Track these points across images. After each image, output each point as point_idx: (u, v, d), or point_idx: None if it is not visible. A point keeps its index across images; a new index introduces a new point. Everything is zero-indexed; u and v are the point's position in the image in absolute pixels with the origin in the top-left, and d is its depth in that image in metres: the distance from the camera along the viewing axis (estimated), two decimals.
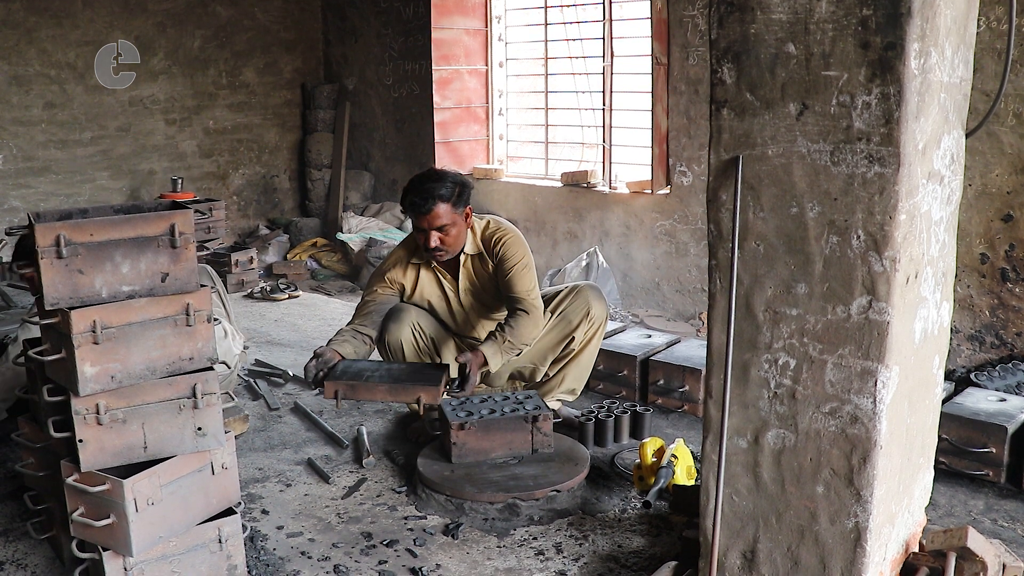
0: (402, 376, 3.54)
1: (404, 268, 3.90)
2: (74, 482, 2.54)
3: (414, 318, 3.86)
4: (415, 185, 3.68)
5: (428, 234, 3.68)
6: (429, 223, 3.66)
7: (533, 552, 3.06)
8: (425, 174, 3.74)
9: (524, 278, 3.75)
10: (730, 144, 2.31)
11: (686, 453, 3.39)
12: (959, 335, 4.85)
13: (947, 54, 2.20)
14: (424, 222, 3.66)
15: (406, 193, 3.71)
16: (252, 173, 8.52)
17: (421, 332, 3.87)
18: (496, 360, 3.62)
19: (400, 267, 3.91)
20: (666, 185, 6.14)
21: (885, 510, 2.31)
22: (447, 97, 7.34)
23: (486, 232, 3.83)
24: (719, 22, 2.27)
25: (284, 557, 3.03)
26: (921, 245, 2.24)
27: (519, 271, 3.75)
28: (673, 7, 5.88)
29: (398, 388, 3.45)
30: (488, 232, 3.83)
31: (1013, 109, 4.50)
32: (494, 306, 3.95)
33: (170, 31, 7.76)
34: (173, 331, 2.58)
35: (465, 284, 3.89)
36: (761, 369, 2.35)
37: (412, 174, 4.04)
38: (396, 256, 3.95)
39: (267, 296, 6.56)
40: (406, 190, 3.72)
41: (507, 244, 3.78)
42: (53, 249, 2.41)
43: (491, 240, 3.81)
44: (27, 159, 7.17)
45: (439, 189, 3.63)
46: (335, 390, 3.45)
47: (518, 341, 3.67)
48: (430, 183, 3.64)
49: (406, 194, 3.70)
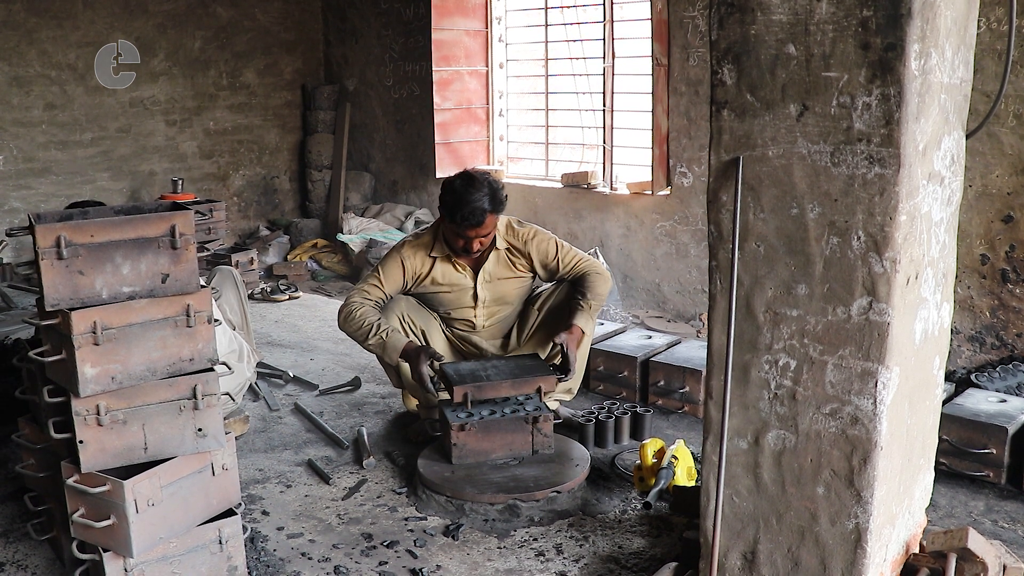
0: (514, 371, 3.66)
1: (423, 259, 3.87)
2: (74, 483, 2.54)
3: (403, 309, 3.90)
4: (461, 199, 3.63)
5: (472, 241, 3.73)
6: (477, 234, 3.70)
7: (533, 553, 3.05)
8: (464, 183, 3.67)
9: (569, 253, 3.92)
10: (730, 145, 2.31)
11: (686, 454, 3.39)
12: (959, 336, 4.85)
13: (947, 55, 2.20)
14: (472, 233, 3.70)
15: (453, 208, 3.65)
16: (252, 174, 8.52)
17: (411, 323, 3.90)
18: (591, 326, 3.85)
19: (419, 257, 3.87)
20: (666, 186, 6.14)
21: (886, 511, 2.31)
22: (447, 98, 7.34)
23: (511, 230, 3.90)
24: (719, 23, 2.27)
25: (284, 558, 3.03)
26: (921, 246, 2.24)
27: (564, 252, 3.91)
28: (673, 8, 5.88)
29: (519, 382, 3.58)
30: (513, 230, 3.90)
31: (1013, 110, 4.50)
32: (512, 295, 3.99)
33: (170, 32, 7.76)
34: (173, 332, 2.58)
35: (487, 275, 3.91)
36: (761, 370, 2.35)
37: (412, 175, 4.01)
38: (413, 247, 3.89)
39: (267, 297, 6.56)
40: (451, 205, 3.66)
41: (539, 238, 3.89)
42: (53, 250, 2.41)
43: (521, 238, 3.89)
44: (27, 160, 7.17)
45: (485, 201, 3.63)
46: (464, 392, 3.51)
47: (599, 301, 3.88)
48: (475, 194, 3.62)
49: (453, 209, 3.64)
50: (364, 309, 3.77)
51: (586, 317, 3.79)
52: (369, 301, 3.81)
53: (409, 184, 8.14)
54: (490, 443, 3.50)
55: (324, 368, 5.03)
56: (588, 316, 3.80)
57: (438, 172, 7.38)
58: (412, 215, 7.80)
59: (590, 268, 3.91)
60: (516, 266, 3.91)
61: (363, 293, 3.84)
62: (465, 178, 3.71)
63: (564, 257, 3.90)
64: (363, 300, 3.81)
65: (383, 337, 3.68)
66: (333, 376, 4.88)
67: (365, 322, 3.72)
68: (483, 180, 3.70)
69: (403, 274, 3.86)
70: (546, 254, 3.89)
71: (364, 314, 3.75)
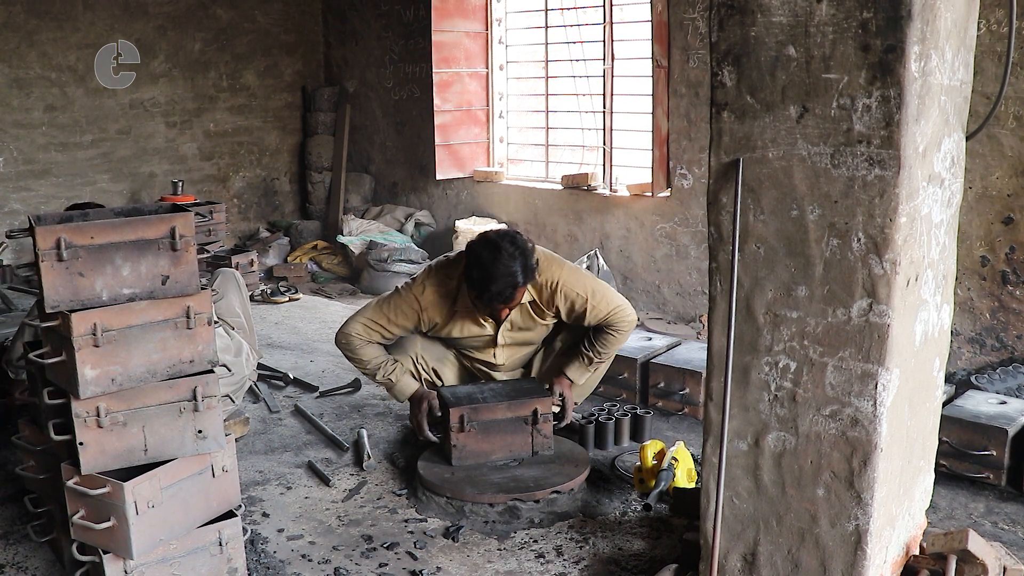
0: (511, 393, 3.61)
1: (443, 310, 3.65)
2: (74, 485, 2.54)
3: (417, 349, 3.83)
4: (489, 274, 3.33)
5: (499, 312, 3.57)
6: (509, 306, 3.52)
7: (533, 555, 3.05)
8: (492, 255, 3.34)
9: (601, 304, 3.61)
10: (730, 147, 2.31)
11: (686, 456, 3.39)
12: (959, 338, 4.85)
13: (947, 57, 2.20)
14: (501, 306, 3.49)
15: (481, 285, 3.36)
16: (252, 176, 8.52)
17: (424, 363, 3.85)
18: (583, 377, 3.79)
19: (439, 308, 3.64)
20: (666, 188, 6.14)
21: (886, 513, 2.31)
22: (448, 100, 7.34)
23: (534, 285, 3.58)
24: (719, 25, 2.27)
25: (284, 560, 3.03)
26: (921, 248, 2.24)
27: (596, 303, 3.61)
28: (673, 10, 5.88)
29: (516, 404, 3.53)
30: (537, 287, 3.60)
31: (1013, 112, 4.50)
32: (535, 337, 3.87)
33: (171, 34, 7.76)
34: (173, 334, 2.58)
35: (510, 325, 3.74)
36: (761, 372, 2.35)
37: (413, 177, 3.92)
38: (435, 292, 3.62)
39: (267, 299, 6.56)
40: (479, 281, 3.36)
41: (565, 289, 3.58)
42: (54, 252, 2.41)
43: (546, 292, 3.61)
44: (28, 162, 7.17)
45: (517, 275, 3.35)
46: (460, 415, 3.47)
47: (606, 359, 3.81)
48: (505, 268, 3.32)
49: (481, 286, 3.36)
50: (367, 348, 3.67)
51: (582, 371, 3.75)
52: (372, 338, 3.67)
53: (409, 186, 8.14)
54: (490, 444, 3.49)
55: (324, 370, 5.03)
56: (584, 370, 3.76)
57: (438, 174, 7.39)
58: (412, 217, 7.80)
59: (616, 320, 3.65)
60: (540, 317, 3.71)
61: (366, 328, 3.66)
62: (492, 249, 3.36)
63: (593, 308, 3.60)
64: (366, 335, 3.66)
65: (391, 379, 3.71)
66: (333, 378, 4.88)
67: (371, 361, 3.68)
68: (513, 250, 3.35)
69: (417, 321, 3.67)
70: (572, 305, 3.61)
71: (369, 353, 3.67)
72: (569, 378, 3.77)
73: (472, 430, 3.46)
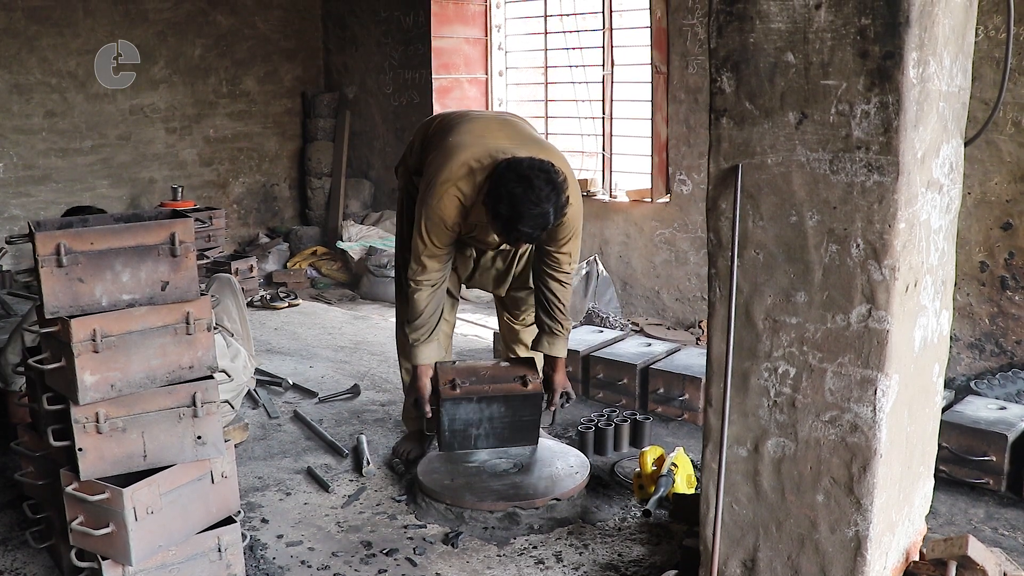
0: (503, 433, 3.55)
1: (456, 220, 3.25)
2: (73, 491, 2.53)
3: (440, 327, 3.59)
4: (522, 215, 2.99)
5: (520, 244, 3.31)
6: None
7: (533, 561, 3.05)
8: (524, 191, 2.98)
9: (577, 252, 3.41)
10: (729, 153, 2.31)
11: (686, 462, 3.38)
12: (959, 343, 4.85)
13: (945, 63, 2.20)
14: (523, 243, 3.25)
15: (510, 223, 3.02)
16: (252, 181, 8.53)
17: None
18: (563, 350, 3.55)
19: (454, 219, 3.25)
20: (666, 193, 6.15)
21: (885, 519, 2.31)
22: (447, 106, 7.35)
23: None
24: (718, 31, 2.28)
25: (283, 566, 3.02)
26: (920, 253, 2.24)
27: (575, 243, 3.37)
28: (673, 16, 5.89)
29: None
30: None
31: (1012, 118, 4.51)
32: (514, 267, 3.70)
33: (171, 40, 7.77)
34: (173, 340, 2.58)
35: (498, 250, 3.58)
36: (761, 378, 2.35)
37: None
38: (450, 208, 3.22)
39: (267, 304, 6.56)
40: (508, 220, 3.01)
41: (570, 209, 3.21)
42: (53, 258, 2.41)
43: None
44: (28, 167, 7.18)
45: (550, 216, 3.04)
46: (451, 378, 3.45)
47: (570, 319, 3.54)
48: (541, 207, 2.99)
49: (510, 224, 3.02)
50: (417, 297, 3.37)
51: (562, 344, 3.54)
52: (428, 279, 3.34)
53: None
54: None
55: (323, 376, 5.03)
56: (563, 342, 3.54)
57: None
58: None
59: (567, 280, 3.44)
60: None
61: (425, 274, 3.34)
62: (525, 184, 2.98)
63: (563, 246, 3.34)
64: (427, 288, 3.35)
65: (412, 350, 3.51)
66: (332, 384, 4.88)
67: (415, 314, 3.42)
68: (548, 190, 3.00)
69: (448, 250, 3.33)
70: (555, 232, 3.28)
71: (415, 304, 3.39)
72: (557, 356, 3.56)
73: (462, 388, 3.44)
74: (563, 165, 3.27)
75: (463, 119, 3.48)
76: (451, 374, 3.50)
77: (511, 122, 3.54)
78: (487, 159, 3.17)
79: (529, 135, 3.46)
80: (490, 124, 3.44)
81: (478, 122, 3.43)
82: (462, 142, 3.28)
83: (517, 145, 3.26)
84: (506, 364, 3.63)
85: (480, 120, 3.47)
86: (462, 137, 3.31)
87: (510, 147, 3.22)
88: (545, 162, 3.08)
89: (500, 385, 3.51)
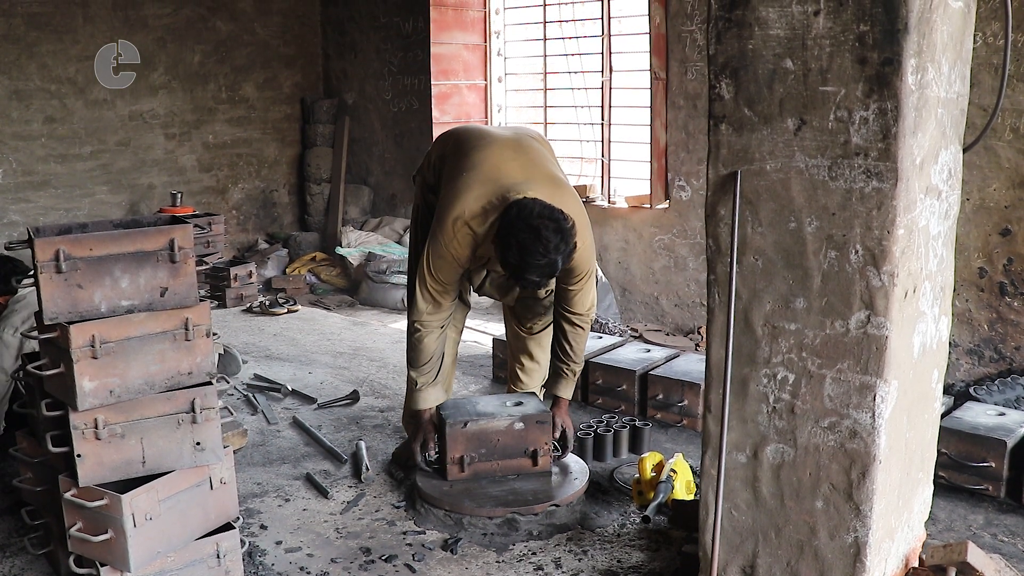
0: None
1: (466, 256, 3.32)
2: (72, 497, 2.53)
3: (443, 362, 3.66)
4: (530, 264, 3.01)
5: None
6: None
7: (532, 567, 3.05)
8: (532, 239, 2.98)
9: (589, 293, 3.44)
10: (728, 159, 2.31)
11: (685, 468, 3.38)
12: (958, 349, 4.85)
13: (944, 69, 2.21)
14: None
15: (518, 270, 3.05)
16: (251, 187, 8.53)
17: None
18: (569, 392, 3.63)
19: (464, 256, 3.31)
20: (665, 200, 6.15)
21: (884, 525, 2.31)
22: (446, 112, 7.36)
23: None
24: (717, 38, 2.28)
25: (282, 572, 3.02)
26: (919, 260, 2.25)
27: (586, 284, 3.40)
28: (672, 22, 5.91)
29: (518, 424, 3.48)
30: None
31: (1010, 124, 4.52)
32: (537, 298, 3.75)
33: (170, 46, 7.78)
34: (172, 346, 2.58)
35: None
36: (760, 384, 2.35)
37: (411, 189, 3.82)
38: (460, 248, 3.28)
39: (266, 310, 6.56)
40: (517, 267, 3.04)
41: (580, 252, 3.23)
42: (52, 264, 2.42)
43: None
44: (27, 173, 7.18)
45: (557, 264, 3.05)
46: (460, 455, 3.43)
47: (581, 362, 3.60)
48: (548, 256, 3.00)
49: (519, 271, 3.06)
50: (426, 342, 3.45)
51: (570, 386, 3.61)
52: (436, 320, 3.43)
53: (408, 197, 8.14)
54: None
55: (322, 381, 5.02)
56: (572, 383, 3.62)
57: None
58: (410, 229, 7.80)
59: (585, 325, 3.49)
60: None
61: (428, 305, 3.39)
62: (533, 234, 2.98)
63: (581, 297, 3.41)
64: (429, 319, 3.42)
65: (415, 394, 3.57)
66: (331, 389, 4.87)
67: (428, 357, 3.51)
68: (557, 239, 3.00)
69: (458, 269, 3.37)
70: (572, 269, 3.31)
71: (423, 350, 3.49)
72: (562, 397, 3.63)
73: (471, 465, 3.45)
74: (573, 205, 3.28)
75: (481, 143, 3.44)
76: (460, 446, 3.44)
77: (526, 147, 3.49)
78: (499, 199, 3.19)
79: (543, 167, 3.42)
80: (505, 152, 3.40)
81: (494, 148, 3.40)
82: (476, 178, 3.28)
83: (530, 178, 3.26)
84: (520, 427, 3.48)
85: (496, 145, 3.42)
86: (476, 173, 3.30)
87: (523, 182, 3.22)
88: (555, 210, 3.05)
89: (510, 462, 3.49)
